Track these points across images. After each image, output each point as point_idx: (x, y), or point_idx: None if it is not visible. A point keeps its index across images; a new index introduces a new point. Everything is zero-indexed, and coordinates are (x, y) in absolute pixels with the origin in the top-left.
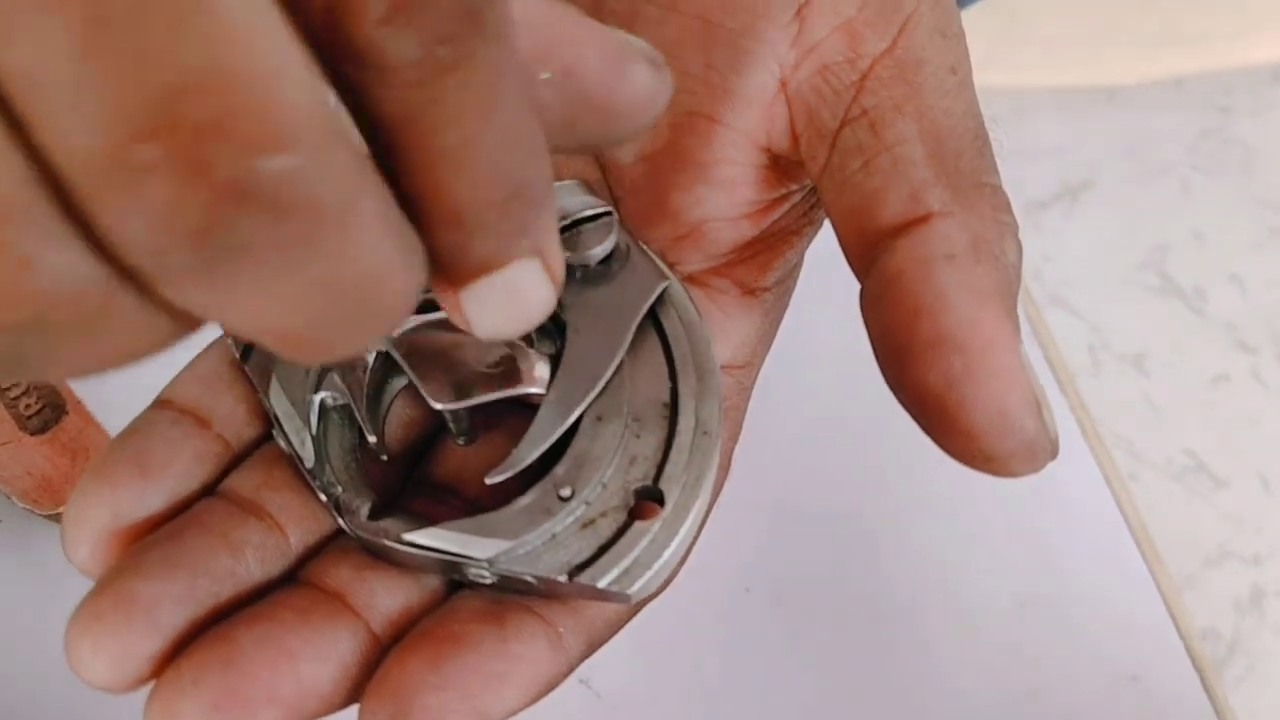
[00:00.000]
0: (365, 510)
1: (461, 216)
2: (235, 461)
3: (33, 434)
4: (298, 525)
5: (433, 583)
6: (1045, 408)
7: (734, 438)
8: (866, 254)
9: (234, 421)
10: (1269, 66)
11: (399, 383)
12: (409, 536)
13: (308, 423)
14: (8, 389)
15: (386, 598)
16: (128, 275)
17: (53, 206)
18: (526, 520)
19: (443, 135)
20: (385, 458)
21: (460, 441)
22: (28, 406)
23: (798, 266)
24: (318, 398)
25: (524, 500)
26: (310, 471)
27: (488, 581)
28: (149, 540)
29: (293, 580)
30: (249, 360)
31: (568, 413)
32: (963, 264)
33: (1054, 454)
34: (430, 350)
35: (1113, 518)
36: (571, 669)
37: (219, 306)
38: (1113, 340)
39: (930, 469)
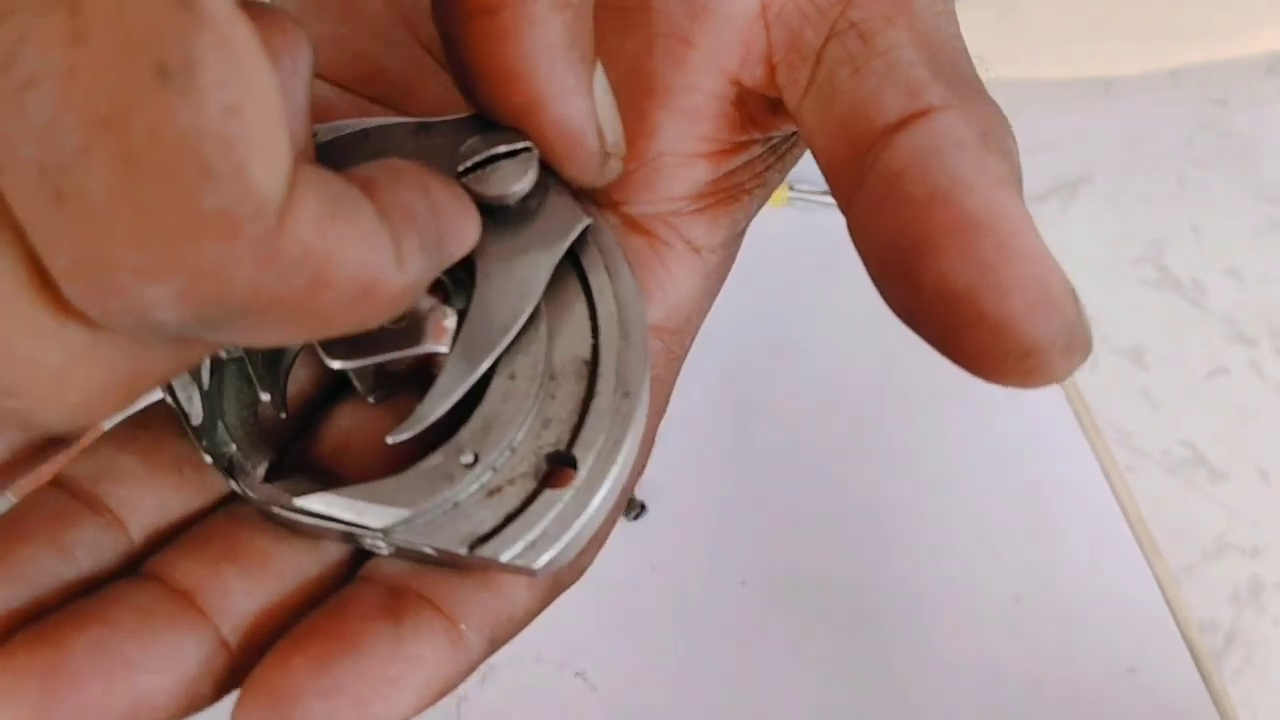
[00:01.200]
0: (261, 471)
1: None
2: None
3: None
4: (141, 521)
5: (308, 573)
6: (1078, 298)
7: (660, 413)
8: (860, 161)
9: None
10: (1265, 59)
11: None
12: (299, 502)
13: (197, 378)
14: None
15: (243, 599)
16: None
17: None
18: (426, 487)
19: None
20: (284, 415)
21: (370, 400)
22: None
23: (741, 234)
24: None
25: (424, 465)
26: (195, 430)
27: (384, 552)
28: None
29: (135, 573)
30: None
31: (474, 367)
32: (973, 151)
33: (1089, 351)
34: None
35: (1111, 510)
36: (473, 668)
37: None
38: (1111, 333)
39: (927, 462)
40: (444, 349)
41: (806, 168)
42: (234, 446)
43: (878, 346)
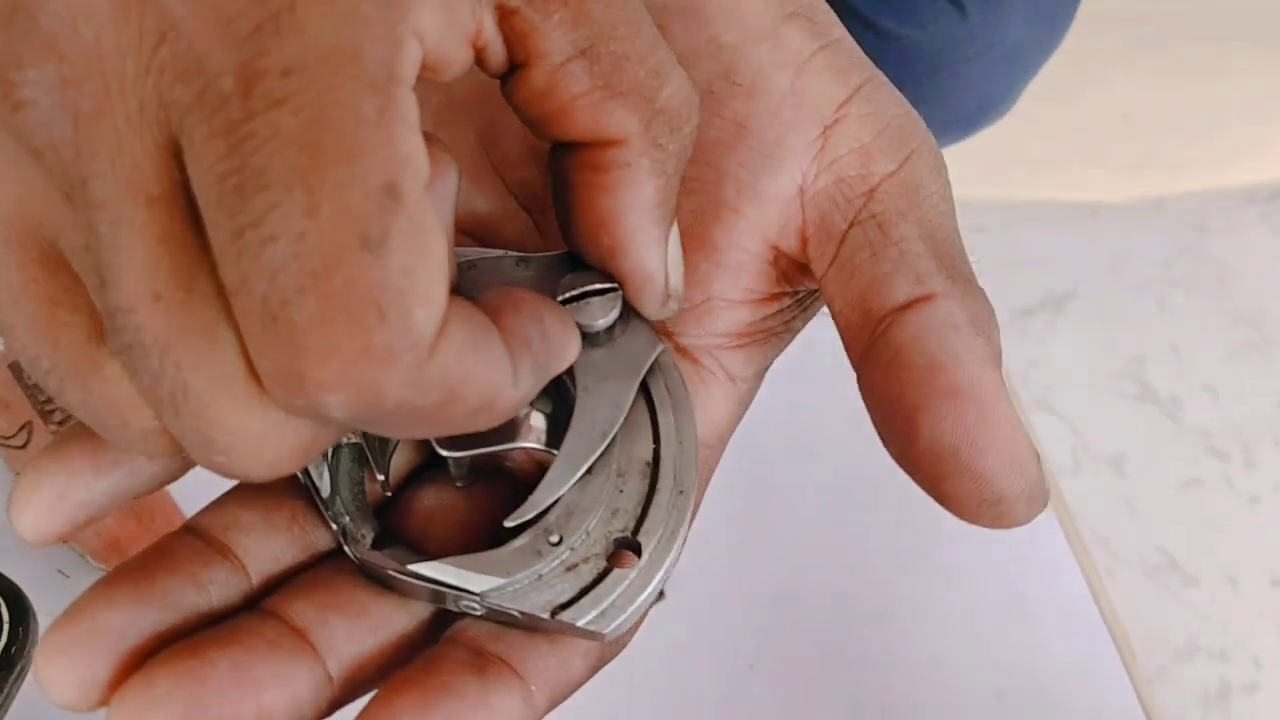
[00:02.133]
0: (369, 539)
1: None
2: (183, 470)
3: None
4: (259, 567)
5: (398, 627)
6: (1039, 460)
7: (693, 518)
8: (871, 331)
9: None
10: (1244, 190)
11: None
12: (414, 567)
13: (325, 458)
14: (52, 413)
15: (345, 641)
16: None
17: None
18: (518, 561)
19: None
20: (389, 494)
21: (459, 484)
22: None
23: (765, 371)
24: None
25: (517, 543)
26: (324, 501)
27: (477, 613)
28: (119, 570)
29: (256, 609)
30: None
31: (579, 464)
32: (965, 333)
33: (1045, 504)
34: None
35: (1089, 611)
36: None
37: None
38: (1093, 442)
39: (921, 560)
40: (536, 445)
41: None
42: (347, 518)
43: (877, 455)
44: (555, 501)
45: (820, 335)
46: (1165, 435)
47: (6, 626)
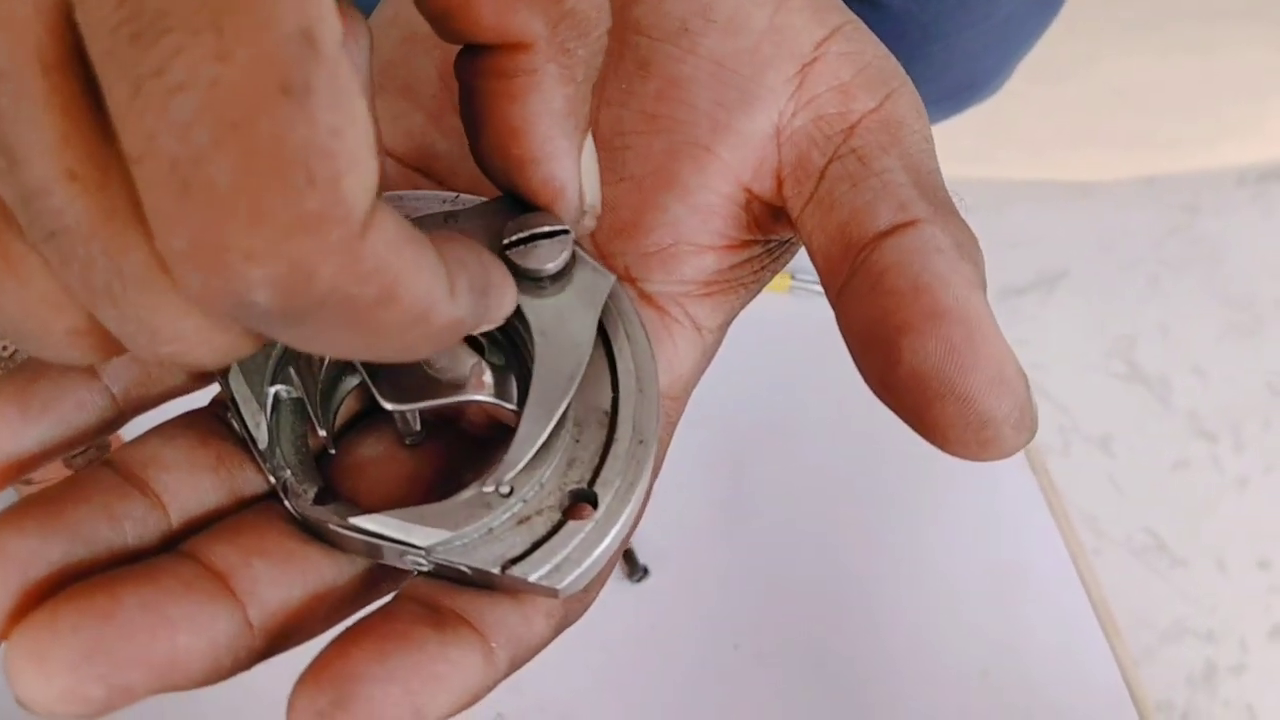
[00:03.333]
0: (311, 494)
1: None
2: (118, 417)
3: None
4: (180, 506)
5: (328, 578)
6: (1028, 384)
7: (656, 472)
8: (852, 261)
9: (123, 378)
10: (1235, 170)
11: (350, 382)
12: (356, 520)
13: (262, 409)
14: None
15: (269, 588)
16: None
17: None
18: (466, 513)
19: None
20: (333, 451)
21: (407, 441)
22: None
23: (729, 323)
24: (272, 390)
25: (465, 494)
26: (262, 454)
27: (424, 569)
28: (28, 500)
29: (174, 551)
30: None
31: (552, 412)
32: (950, 256)
33: (1034, 431)
34: None
35: (1076, 591)
36: (496, 684)
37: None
38: (1082, 422)
39: (908, 541)
40: (486, 398)
41: (806, 260)
42: (288, 471)
43: (866, 428)
44: (527, 455)
45: (801, 313)
46: (1154, 416)
47: None
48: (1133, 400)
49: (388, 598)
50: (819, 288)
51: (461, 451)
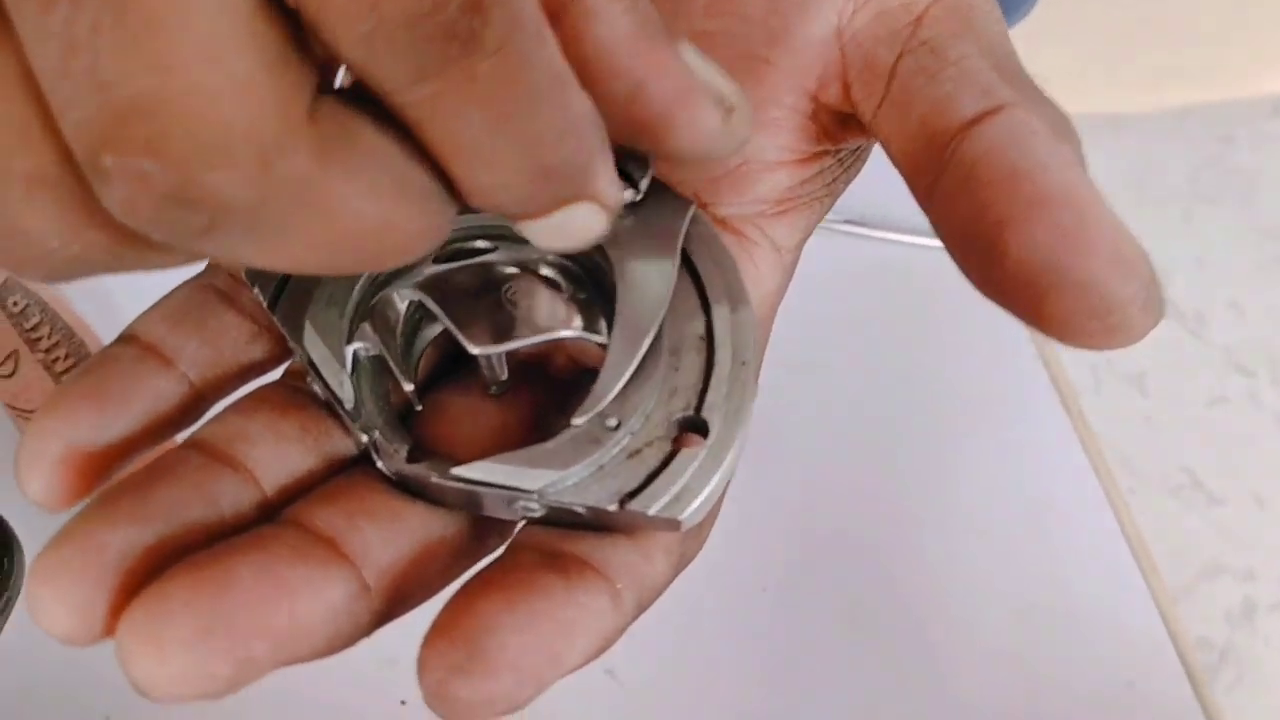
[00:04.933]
0: (404, 453)
1: (493, 193)
2: (197, 403)
3: None
4: (272, 477)
5: (437, 532)
6: (1151, 262)
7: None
8: (938, 157)
9: (199, 363)
10: (1270, 99)
11: (431, 332)
12: (460, 471)
13: (343, 367)
14: (38, 340)
15: (380, 548)
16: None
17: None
18: (574, 451)
19: (455, 133)
20: (419, 408)
21: (492, 390)
22: (57, 360)
23: (807, 239)
24: (350, 349)
25: (569, 432)
26: (349, 414)
27: (535, 514)
28: (115, 487)
29: (275, 520)
30: (277, 308)
31: (637, 347)
32: (1047, 138)
33: (1163, 313)
34: (465, 298)
35: (1111, 530)
36: (625, 628)
37: (226, 259)
38: (1115, 360)
39: (940, 481)
40: (573, 333)
41: None
42: (376, 432)
43: (896, 368)
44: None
45: (829, 251)
46: (1189, 353)
47: None
48: (1167, 336)
49: (498, 551)
50: (844, 227)
51: (549, 398)
